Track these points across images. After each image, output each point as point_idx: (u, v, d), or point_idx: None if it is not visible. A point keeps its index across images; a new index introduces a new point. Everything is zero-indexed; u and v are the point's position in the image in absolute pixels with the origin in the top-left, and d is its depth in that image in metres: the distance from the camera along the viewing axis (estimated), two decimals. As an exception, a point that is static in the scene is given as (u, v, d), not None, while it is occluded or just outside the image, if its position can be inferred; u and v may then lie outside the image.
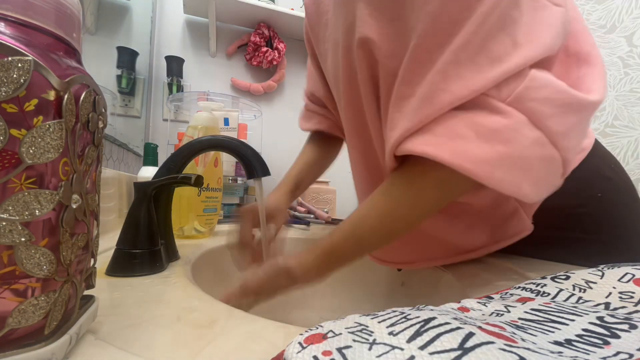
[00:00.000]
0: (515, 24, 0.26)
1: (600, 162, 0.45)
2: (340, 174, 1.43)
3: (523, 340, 0.13)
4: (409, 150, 0.28)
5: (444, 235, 0.41)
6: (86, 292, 0.18)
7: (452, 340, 0.12)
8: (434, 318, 0.14)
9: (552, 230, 0.44)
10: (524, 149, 0.26)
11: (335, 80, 0.43)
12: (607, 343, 0.13)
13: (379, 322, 0.15)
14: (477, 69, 0.26)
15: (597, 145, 0.45)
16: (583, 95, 0.27)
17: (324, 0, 0.43)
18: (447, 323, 0.13)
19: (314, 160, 0.58)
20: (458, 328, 0.13)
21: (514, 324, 0.15)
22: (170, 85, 1.09)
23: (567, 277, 0.22)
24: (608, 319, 0.15)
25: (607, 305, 0.18)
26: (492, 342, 0.12)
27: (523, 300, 0.19)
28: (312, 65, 0.56)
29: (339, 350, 0.13)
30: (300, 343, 0.14)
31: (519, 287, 0.23)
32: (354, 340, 0.14)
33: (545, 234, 0.44)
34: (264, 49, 1.17)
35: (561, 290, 0.21)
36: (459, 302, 0.20)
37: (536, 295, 0.21)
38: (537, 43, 0.26)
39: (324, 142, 0.60)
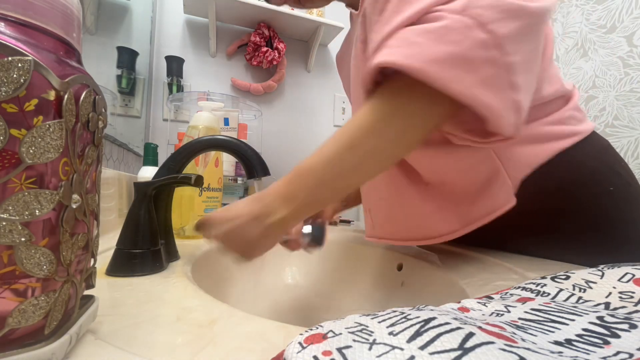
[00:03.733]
0: None
1: (612, 159, 0.46)
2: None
3: (523, 340, 0.13)
4: (370, 67, 0.30)
5: (417, 217, 0.45)
6: (86, 292, 0.18)
7: (452, 340, 0.12)
8: (434, 318, 0.14)
9: (562, 222, 0.45)
10: (470, 50, 0.27)
11: (349, 86, 0.49)
12: (607, 343, 0.13)
13: (379, 322, 0.15)
14: None
15: (609, 145, 0.48)
16: (524, 2, 0.29)
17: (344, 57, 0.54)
18: (447, 323, 0.13)
19: None
20: (458, 328, 0.13)
21: (514, 324, 0.15)
22: (170, 85, 1.09)
23: (567, 277, 0.22)
24: (608, 318, 0.15)
25: (607, 305, 0.18)
26: (492, 342, 0.12)
27: (523, 300, 0.19)
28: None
29: (339, 350, 0.13)
30: (300, 343, 0.14)
31: (519, 287, 0.23)
32: (354, 340, 0.14)
33: (555, 227, 0.45)
34: (264, 49, 1.17)
35: (561, 290, 0.21)
36: (459, 302, 0.20)
37: (536, 295, 0.21)
38: None
39: None
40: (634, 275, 0.20)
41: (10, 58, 0.12)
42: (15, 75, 0.12)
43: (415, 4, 0.29)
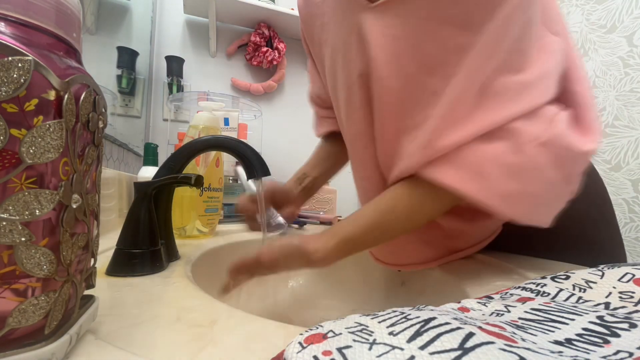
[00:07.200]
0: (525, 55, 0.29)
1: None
2: (341, 174, 1.43)
3: (523, 340, 0.13)
4: (435, 180, 0.30)
5: (437, 240, 0.43)
6: (86, 292, 0.18)
7: (452, 340, 0.12)
8: (434, 318, 0.14)
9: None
10: (546, 188, 0.29)
11: (333, 88, 0.43)
12: (607, 342, 0.13)
13: (379, 322, 0.15)
14: (500, 101, 0.28)
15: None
16: (581, 147, 0.30)
17: (315, 2, 0.43)
18: (447, 323, 0.13)
19: (325, 155, 0.58)
20: (458, 328, 0.13)
21: (514, 324, 0.15)
22: (170, 85, 1.09)
23: (567, 277, 0.22)
24: (608, 318, 0.15)
25: (607, 305, 0.18)
26: (492, 342, 0.12)
27: (523, 300, 0.19)
28: (311, 66, 0.55)
29: (339, 350, 0.13)
30: (300, 343, 0.14)
31: (519, 287, 0.23)
32: (354, 340, 0.14)
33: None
34: (264, 49, 1.17)
35: (561, 290, 0.21)
36: (459, 302, 0.20)
37: (536, 295, 0.21)
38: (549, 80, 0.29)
39: (338, 141, 0.58)
40: (634, 275, 0.20)
41: (10, 58, 0.12)
42: (15, 75, 0.12)
43: (487, 113, 0.28)
